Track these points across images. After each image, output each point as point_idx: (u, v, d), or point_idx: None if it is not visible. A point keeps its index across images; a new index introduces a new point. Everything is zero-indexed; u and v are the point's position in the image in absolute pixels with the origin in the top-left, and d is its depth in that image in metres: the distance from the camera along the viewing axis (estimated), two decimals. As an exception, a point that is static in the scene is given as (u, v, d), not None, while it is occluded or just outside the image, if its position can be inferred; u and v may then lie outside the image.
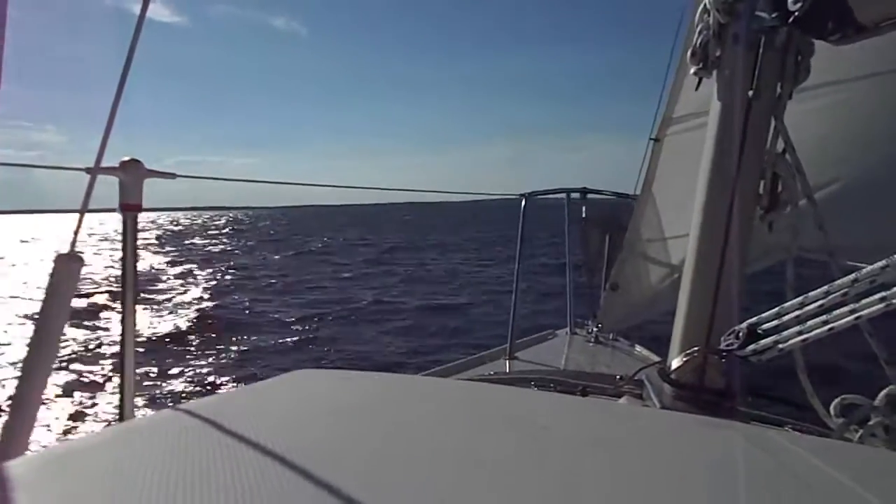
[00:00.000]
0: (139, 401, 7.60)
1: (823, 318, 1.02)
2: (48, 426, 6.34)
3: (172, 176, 1.63)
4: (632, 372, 1.76)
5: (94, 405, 7.28)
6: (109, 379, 8.15)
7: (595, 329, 3.70)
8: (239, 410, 0.89)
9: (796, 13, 1.09)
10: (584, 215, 3.93)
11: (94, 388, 7.95)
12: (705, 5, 1.27)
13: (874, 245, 1.22)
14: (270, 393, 1.03)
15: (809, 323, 1.05)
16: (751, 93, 1.21)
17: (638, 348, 3.53)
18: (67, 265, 1.23)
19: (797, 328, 1.07)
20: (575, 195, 3.86)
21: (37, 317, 1.20)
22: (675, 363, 1.29)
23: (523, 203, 3.52)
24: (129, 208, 1.47)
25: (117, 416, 1.56)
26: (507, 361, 3.25)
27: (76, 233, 1.25)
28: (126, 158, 1.46)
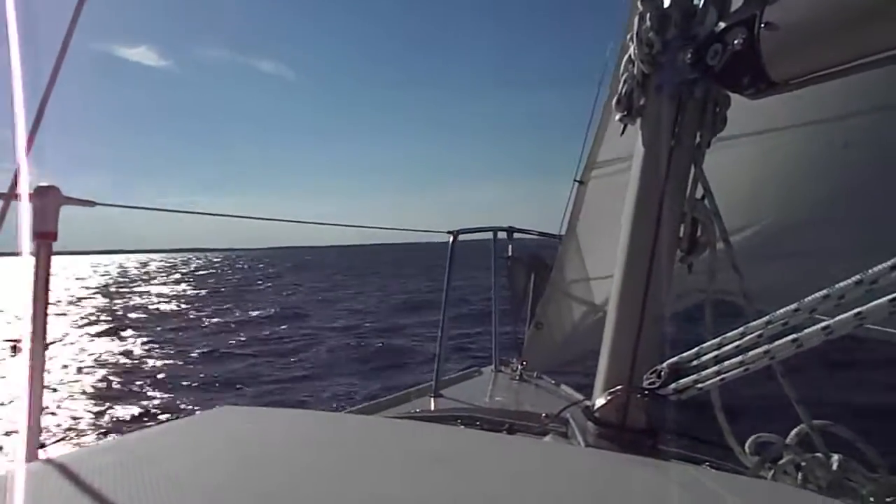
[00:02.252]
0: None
1: (740, 358, 1.06)
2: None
3: (91, 204, 1.54)
4: (557, 410, 1.76)
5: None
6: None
7: (520, 367, 3.72)
8: (155, 449, 0.84)
9: (714, 67, 1.15)
10: (510, 253, 3.98)
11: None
12: (630, 56, 1.32)
13: (787, 288, 1.28)
14: (189, 431, 0.98)
15: (727, 363, 1.08)
16: (672, 141, 1.27)
17: (563, 387, 3.56)
18: None
19: (715, 368, 1.10)
20: (501, 234, 3.91)
21: None
22: (599, 402, 1.30)
23: (451, 241, 3.53)
24: (43, 237, 1.39)
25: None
26: (433, 399, 3.21)
27: None
28: (43, 184, 1.38)
